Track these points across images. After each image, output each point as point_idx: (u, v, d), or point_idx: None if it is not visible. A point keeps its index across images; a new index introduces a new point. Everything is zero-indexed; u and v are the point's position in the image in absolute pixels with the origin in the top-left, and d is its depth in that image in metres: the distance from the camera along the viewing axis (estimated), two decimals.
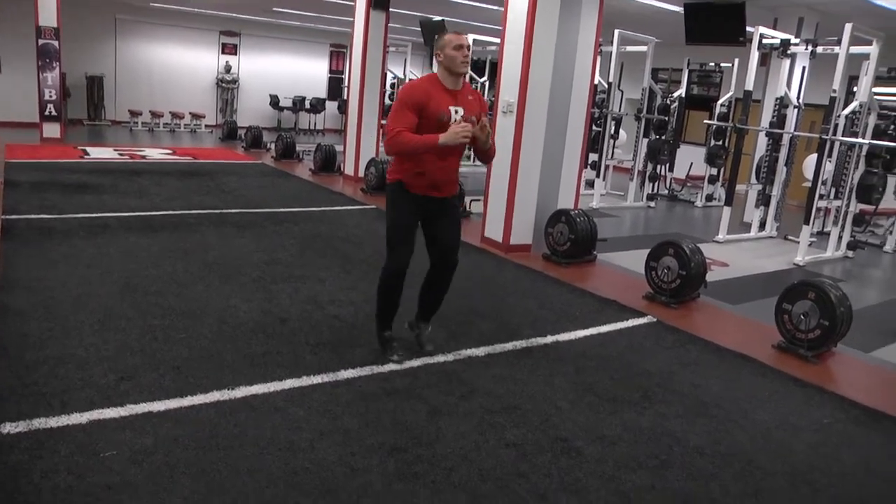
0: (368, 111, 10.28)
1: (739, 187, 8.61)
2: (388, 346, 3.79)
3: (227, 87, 17.51)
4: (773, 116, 8.44)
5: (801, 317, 4.33)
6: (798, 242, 7.38)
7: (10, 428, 2.75)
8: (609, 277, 6.02)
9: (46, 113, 11.86)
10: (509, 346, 4.11)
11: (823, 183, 7.43)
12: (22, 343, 3.56)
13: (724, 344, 4.42)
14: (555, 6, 6.16)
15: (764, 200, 8.54)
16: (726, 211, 7.99)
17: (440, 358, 3.82)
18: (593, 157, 10.33)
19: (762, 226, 8.59)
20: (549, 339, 4.29)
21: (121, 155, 11.10)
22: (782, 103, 8.37)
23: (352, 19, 10.32)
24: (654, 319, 4.82)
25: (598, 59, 10.39)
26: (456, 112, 3.47)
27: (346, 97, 12.30)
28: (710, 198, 11.03)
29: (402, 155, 3.48)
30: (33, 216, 6.33)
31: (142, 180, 8.78)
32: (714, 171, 10.99)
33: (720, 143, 10.61)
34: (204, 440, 2.77)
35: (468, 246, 6.58)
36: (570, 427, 3.14)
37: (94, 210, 6.79)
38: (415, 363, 3.72)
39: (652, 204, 10.38)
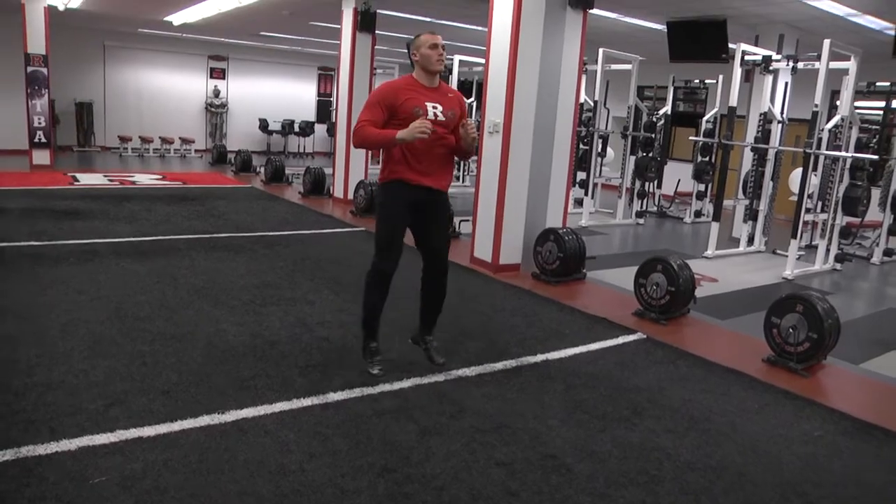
0: None
1: (727, 203, 8.69)
2: (371, 357, 3.80)
3: (215, 111, 17.59)
4: (757, 132, 8.54)
5: (790, 330, 4.36)
6: (786, 256, 7.44)
7: None
8: (598, 295, 6.04)
9: (36, 140, 11.87)
10: (499, 365, 4.11)
11: (809, 196, 7.51)
12: (10, 369, 3.54)
13: (714, 359, 4.44)
14: (538, 26, 6.24)
15: (751, 215, 8.61)
16: (714, 226, 8.04)
17: (430, 378, 3.82)
18: (581, 175, 10.41)
19: (750, 240, 8.65)
20: (539, 357, 4.29)
21: (111, 181, 11.11)
22: (766, 118, 8.48)
23: (338, 42, 10.41)
24: (644, 336, 4.84)
25: (584, 77, 10.54)
26: (434, 108, 3.55)
27: (334, 120, 12.38)
28: (698, 214, 11.10)
29: (364, 147, 3.64)
30: (23, 243, 6.32)
31: (132, 206, 8.78)
32: (702, 187, 11.08)
33: (707, 159, 10.71)
34: (194, 464, 2.76)
35: (458, 267, 6.60)
36: (560, 444, 3.14)
37: (85, 236, 6.78)
38: (405, 384, 3.72)
39: (641, 221, 10.44)
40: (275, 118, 18.20)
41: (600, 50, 9.42)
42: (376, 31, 10.19)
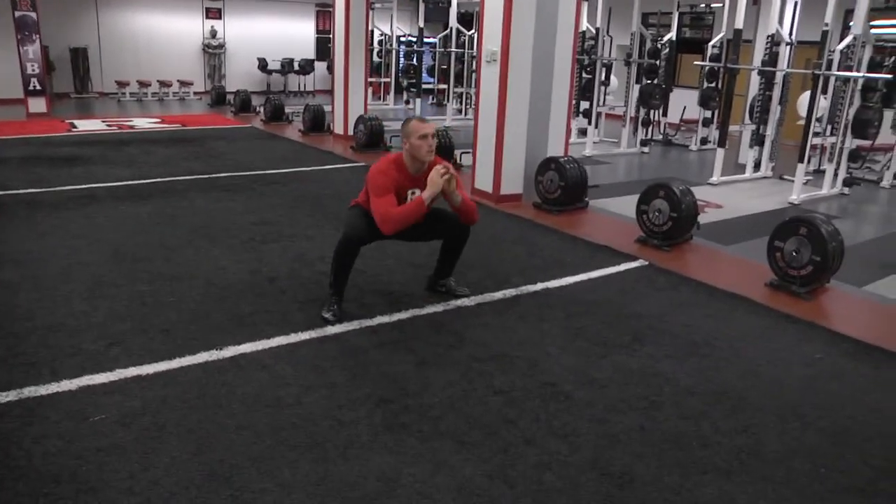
0: (355, 69, 10.14)
1: (733, 128, 8.51)
2: (329, 306, 3.65)
3: (213, 52, 17.23)
4: (765, 55, 8.28)
5: (793, 253, 4.30)
6: (793, 181, 7.31)
7: (1, 398, 2.76)
8: (601, 223, 5.98)
9: (30, 88, 11.67)
10: (499, 294, 4.10)
11: (818, 120, 7.33)
12: (11, 314, 3.56)
13: (717, 284, 4.40)
14: None
15: (758, 140, 8.44)
16: (720, 153, 7.89)
17: (429, 309, 3.82)
18: (585, 105, 10.21)
19: (757, 166, 8.51)
20: (539, 286, 4.27)
21: (109, 126, 10.99)
22: (774, 41, 8.21)
23: None
24: (646, 263, 4.80)
25: (585, 5, 10.23)
26: (412, 193, 3.61)
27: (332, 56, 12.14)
28: (704, 141, 10.90)
29: (403, 225, 3.51)
30: (21, 191, 6.28)
31: (130, 150, 8.70)
32: (708, 114, 10.84)
33: (713, 84, 10.44)
34: (192, 400, 2.78)
35: None
36: (559, 372, 3.14)
37: (83, 181, 6.73)
38: (403, 315, 3.72)
39: (646, 149, 10.26)
40: (274, 57, 17.82)
41: None
42: None
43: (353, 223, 3.63)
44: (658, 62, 10.36)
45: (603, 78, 10.34)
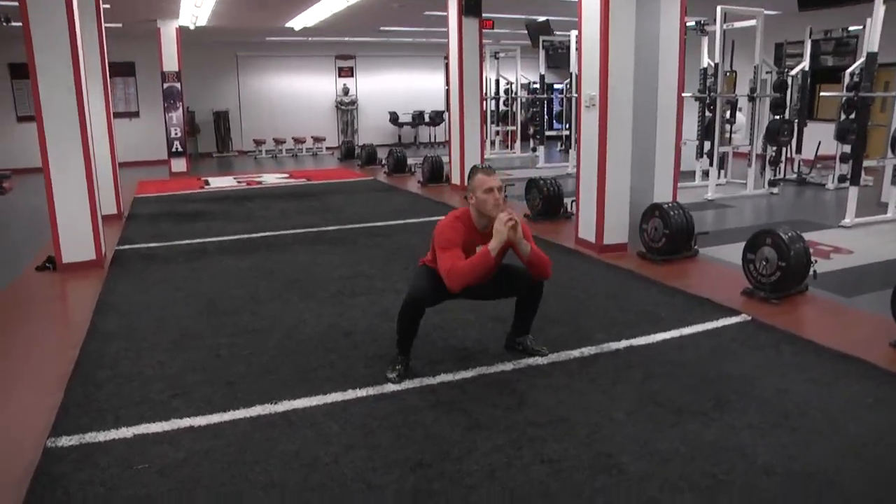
0: (470, 119, 10.26)
1: (873, 164, 7.70)
2: (393, 364, 3.58)
3: (346, 108, 18.13)
4: None
5: None
6: None
7: (65, 441, 2.91)
8: (707, 274, 5.55)
9: (173, 149, 12.85)
10: (576, 352, 3.84)
11: None
12: (98, 362, 3.78)
13: (828, 343, 3.88)
14: None
15: None
16: (853, 191, 7.15)
17: (497, 367, 3.65)
18: (709, 145, 9.67)
19: None
20: (623, 343, 3.96)
21: (238, 182, 11.75)
22: None
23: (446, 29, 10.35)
24: (749, 318, 4.34)
25: (705, 39, 9.76)
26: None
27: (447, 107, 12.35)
28: (843, 179, 9.88)
29: (468, 281, 3.33)
30: (142, 245, 6.79)
31: (251, 205, 9.21)
32: (846, 149, 9.90)
33: (852, 116, 9.54)
34: (233, 454, 2.77)
35: (562, 248, 6.36)
36: (619, 441, 2.85)
37: (198, 236, 7.15)
38: (468, 373, 3.57)
39: (775, 190, 9.50)
40: (404, 110, 18.47)
41: (718, 7, 8.65)
42: (493, 16, 9.99)
43: (417, 284, 3.54)
44: (785, 95, 9.64)
45: (728, 115, 9.78)
